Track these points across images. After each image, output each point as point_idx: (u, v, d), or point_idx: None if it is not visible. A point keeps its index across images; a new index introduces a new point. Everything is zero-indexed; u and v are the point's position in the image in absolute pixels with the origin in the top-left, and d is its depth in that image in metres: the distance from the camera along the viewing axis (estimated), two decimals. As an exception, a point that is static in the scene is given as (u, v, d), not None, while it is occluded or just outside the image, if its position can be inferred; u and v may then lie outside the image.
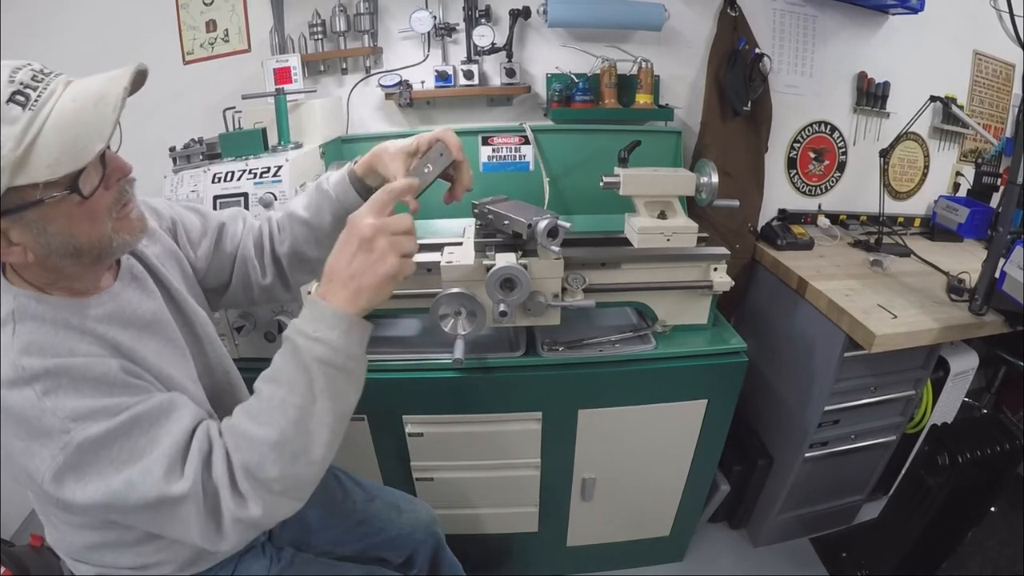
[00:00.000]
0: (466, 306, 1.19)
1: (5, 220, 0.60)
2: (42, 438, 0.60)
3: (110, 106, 0.60)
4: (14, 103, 0.57)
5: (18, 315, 0.64)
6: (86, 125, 0.59)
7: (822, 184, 1.97)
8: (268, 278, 0.96)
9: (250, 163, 1.24)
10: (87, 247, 0.66)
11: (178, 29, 1.68)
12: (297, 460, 0.65)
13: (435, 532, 1.19)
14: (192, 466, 0.63)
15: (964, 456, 1.33)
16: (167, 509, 0.63)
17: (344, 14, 1.62)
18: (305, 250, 0.93)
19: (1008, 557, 1.54)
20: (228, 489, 0.64)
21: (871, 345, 1.31)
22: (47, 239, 0.63)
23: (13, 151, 0.56)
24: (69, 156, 0.59)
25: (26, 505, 1.69)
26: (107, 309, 0.71)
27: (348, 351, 0.67)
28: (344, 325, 0.67)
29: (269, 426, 0.65)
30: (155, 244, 0.86)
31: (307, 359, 0.66)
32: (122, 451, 0.62)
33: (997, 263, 1.33)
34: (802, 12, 1.79)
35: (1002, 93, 2.00)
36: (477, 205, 1.27)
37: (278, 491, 0.66)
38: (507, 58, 1.68)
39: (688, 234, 1.33)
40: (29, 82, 0.59)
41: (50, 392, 0.60)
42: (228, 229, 0.96)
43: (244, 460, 0.64)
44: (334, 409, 0.67)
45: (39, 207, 0.60)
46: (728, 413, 1.43)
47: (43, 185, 0.59)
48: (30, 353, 0.61)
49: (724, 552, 1.81)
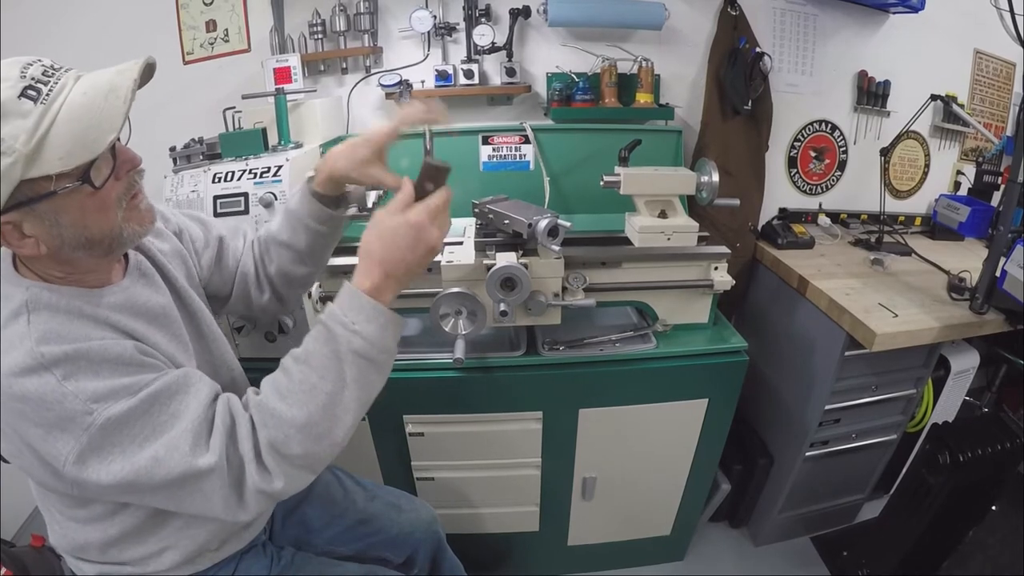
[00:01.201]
0: (466, 306, 1.19)
1: (18, 212, 0.61)
2: (64, 422, 0.61)
3: (120, 98, 0.62)
4: (26, 98, 0.58)
5: (32, 305, 0.65)
6: (97, 117, 0.61)
7: (823, 183, 1.97)
8: (265, 296, 0.98)
9: (250, 163, 1.24)
10: (99, 238, 0.67)
11: (178, 29, 1.68)
12: (321, 441, 0.68)
13: (436, 532, 1.19)
14: (217, 439, 0.65)
15: (965, 455, 1.33)
16: (192, 483, 0.65)
17: (344, 14, 1.62)
18: (291, 269, 0.96)
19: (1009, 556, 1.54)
20: (254, 463, 0.67)
21: (872, 344, 1.31)
22: (60, 231, 0.64)
23: (26, 144, 0.58)
24: (81, 147, 0.60)
25: (27, 506, 1.69)
26: (118, 299, 0.73)
27: (383, 344, 0.70)
28: (383, 319, 0.70)
29: (298, 408, 0.67)
30: (163, 243, 0.87)
31: (343, 349, 0.68)
32: (144, 428, 0.64)
33: (998, 262, 1.33)
34: (802, 11, 1.78)
35: (1003, 92, 2.00)
36: (477, 204, 1.27)
37: (299, 465, 0.69)
38: (507, 57, 1.68)
39: (689, 233, 1.32)
40: (40, 77, 0.60)
41: (70, 376, 0.61)
42: (229, 244, 0.98)
43: (271, 436, 0.67)
44: (361, 397, 0.70)
45: (52, 199, 0.62)
46: (729, 412, 1.43)
47: (56, 177, 0.60)
48: (48, 341, 0.62)
49: (725, 551, 1.81)
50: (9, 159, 0.58)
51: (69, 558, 0.83)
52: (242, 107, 1.49)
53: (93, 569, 0.81)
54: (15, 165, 0.58)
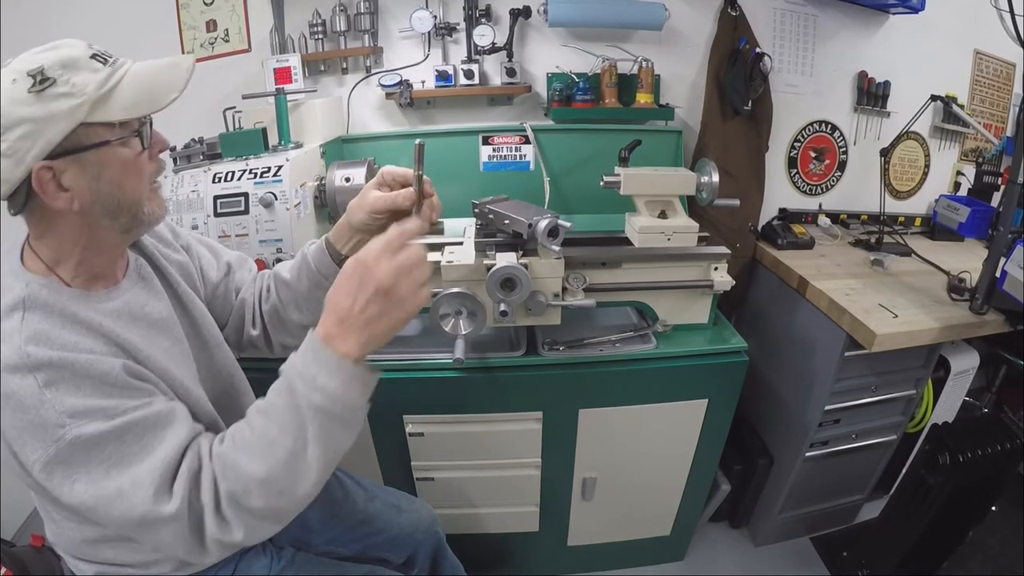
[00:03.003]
0: (466, 306, 1.19)
1: (65, 160, 0.64)
2: (36, 428, 0.61)
3: (183, 68, 0.70)
4: (96, 59, 0.66)
5: (28, 303, 0.65)
6: (163, 79, 0.69)
7: (823, 183, 1.97)
8: (256, 330, 0.98)
9: (250, 163, 1.24)
10: (128, 204, 0.70)
11: (178, 29, 1.68)
12: (283, 496, 0.66)
13: (436, 532, 1.19)
14: (181, 485, 0.63)
15: (965, 455, 1.33)
16: (151, 526, 0.63)
17: (344, 14, 1.62)
18: (285, 311, 0.95)
19: (1009, 556, 1.54)
20: (212, 513, 0.64)
21: (872, 344, 1.31)
22: (99, 186, 0.67)
23: (97, 90, 0.64)
24: (147, 100, 0.67)
25: (27, 506, 1.69)
26: (116, 305, 0.73)
27: (346, 400, 0.65)
28: (346, 374, 0.65)
29: (259, 462, 0.64)
30: (171, 251, 0.88)
31: (303, 404, 0.64)
32: (112, 455, 0.62)
33: (998, 262, 1.33)
34: (802, 11, 1.79)
35: (1003, 92, 2.00)
36: (477, 205, 1.27)
37: (261, 517, 0.66)
38: (507, 57, 1.68)
39: (689, 233, 1.32)
40: (104, 53, 0.68)
41: (51, 384, 0.61)
42: (235, 273, 0.99)
43: (230, 489, 0.64)
44: (326, 455, 0.66)
45: (103, 149, 0.66)
46: (729, 412, 1.43)
47: (118, 125, 0.66)
48: (36, 342, 0.62)
49: (725, 551, 1.81)
50: (76, 101, 0.63)
51: (68, 558, 0.82)
52: (242, 107, 1.49)
53: (92, 569, 0.80)
54: (81, 107, 0.63)
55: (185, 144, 1.33)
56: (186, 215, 1.23)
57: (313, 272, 0.91)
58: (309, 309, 0.94)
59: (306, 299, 0.93)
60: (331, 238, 0.91)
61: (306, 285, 0.92)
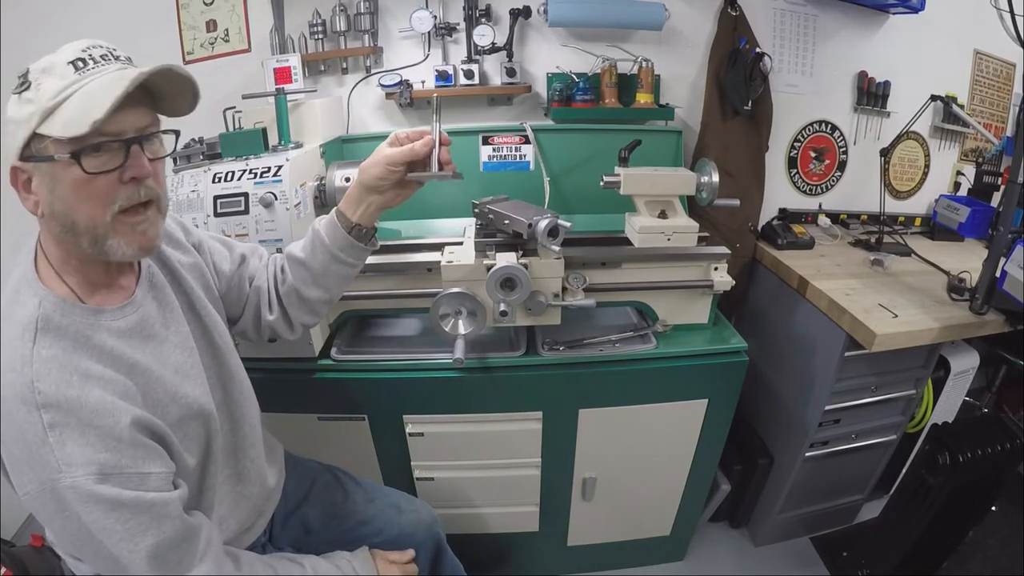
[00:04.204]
0: (466, 306, 1.19)
1: (32, 164, 0.65)
2: (33, 463, 0.62)
3: (119, 87, 0.62)
4: (72, 66, 0.64)
5: (42, 323, 0.65)
6: (96, 99, 0.63)
7: (823, 183, 1.97)
8: (274, 314, 0.99)
9: (250, 163, 1.24)
10: (82, 228, 0.67)
11: (178, 29, 1.68)
12: None
13: (436, 532, 1.18)
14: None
15: (965, 455, 1.33)
16: None
17: (344, 14, 1.62)
18: (302, 289, 0.96)
19: (1009, 556, 1.54)
20: None
21: (872, 344, 1.31)
22: (52, 200, 0.66)
23: (50, 100, 0.62)
24: (75, 121, 0.62)
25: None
26: (129, 322, 0.73)
27: None
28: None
29: None
30: (183, 255, 0.88)
31: None
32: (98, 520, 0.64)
33: (998, 262, 1.33)
34: (802, 11, 1.79)
35: (1003, 92, 2.00)
36: (477, 205, 1.27)
37: None
38: (507, 57, 1.67)
39: (689, 233, 1.32)
40: (95, 56, 0.65)
41: (55, 427, 0.61)
42: (249, 263, 1.00)
43: None
44: None
45: (51, 164, 0.64)
46: (729, 412, 1.43)
47: (53, 141, 0.63)
48: (47, 376, 0.63)
49: (725, 551, 1.81)
50: (32, 108, 0.63)
51: (68, 558, 0.82)
52: (242, 107, 1.49)
53: (92, 570, 0.80)
54: (34, 115, 0.63)
55: (185, 144, 1.32)
56: (186, 215, 1.23)
57: (327, 246, 0.92)
58: (326, 285, 0.96)
59: (322, 275, 0.95)
60: (341, 207, 0.93)
61: (320, 260, 0.93)
